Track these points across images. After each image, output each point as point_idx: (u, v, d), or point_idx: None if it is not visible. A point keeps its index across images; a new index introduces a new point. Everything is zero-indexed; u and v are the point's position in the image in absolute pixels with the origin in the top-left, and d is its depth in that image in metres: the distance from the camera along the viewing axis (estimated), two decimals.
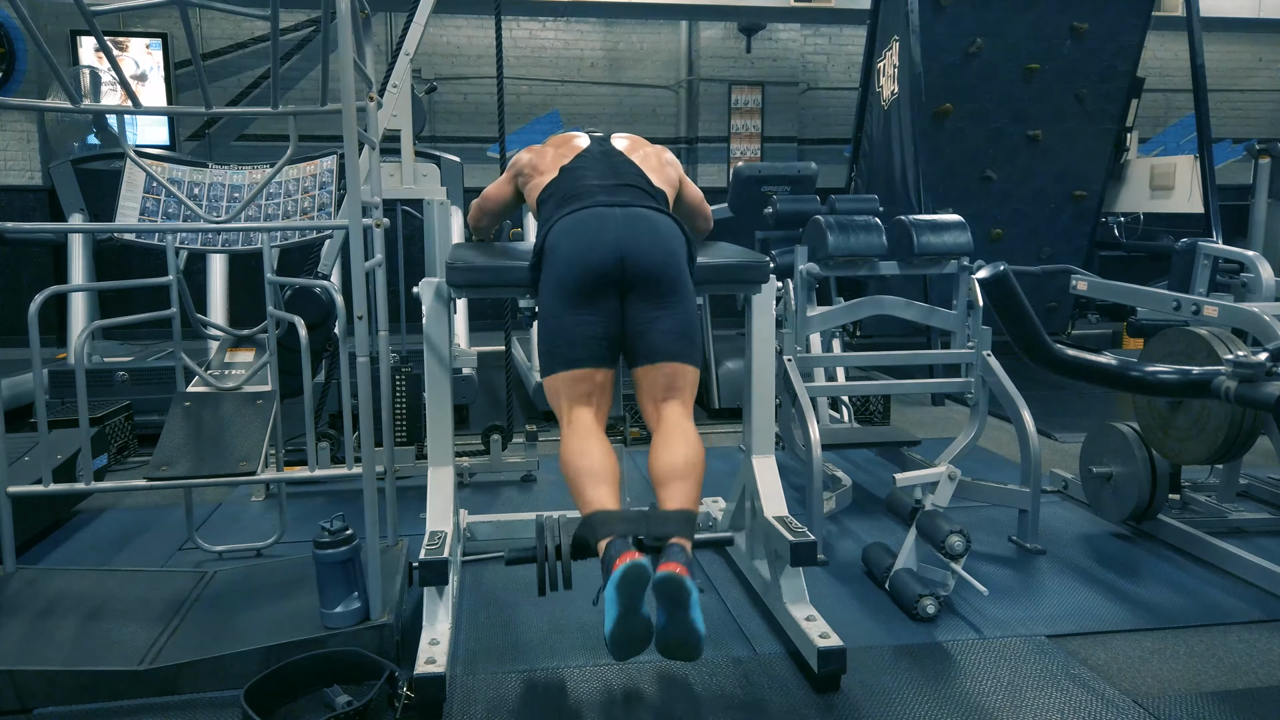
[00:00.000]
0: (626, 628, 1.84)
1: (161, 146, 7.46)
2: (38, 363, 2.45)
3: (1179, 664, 2.33)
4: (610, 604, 1.83)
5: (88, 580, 2.56)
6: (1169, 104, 9.25)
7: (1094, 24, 6.20)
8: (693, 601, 1.85)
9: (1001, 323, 2.59)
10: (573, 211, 2.29)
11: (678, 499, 2.07)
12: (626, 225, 2.24)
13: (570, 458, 2.14)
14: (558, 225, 2.28)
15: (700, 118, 8.51)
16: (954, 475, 2.70)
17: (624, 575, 1.82)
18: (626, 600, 1.82)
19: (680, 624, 1.85)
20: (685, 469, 2.11)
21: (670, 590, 1.83)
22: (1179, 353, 2.86)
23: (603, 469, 2.10)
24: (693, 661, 1.96)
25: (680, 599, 1.84)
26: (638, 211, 2.29)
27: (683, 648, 1.88)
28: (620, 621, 1.83)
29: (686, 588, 1.84)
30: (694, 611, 1.85)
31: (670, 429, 2.20)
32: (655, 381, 2.24)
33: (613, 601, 1.83)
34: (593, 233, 2.23)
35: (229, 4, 2.28)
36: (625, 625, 1.83)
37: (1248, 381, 2.27)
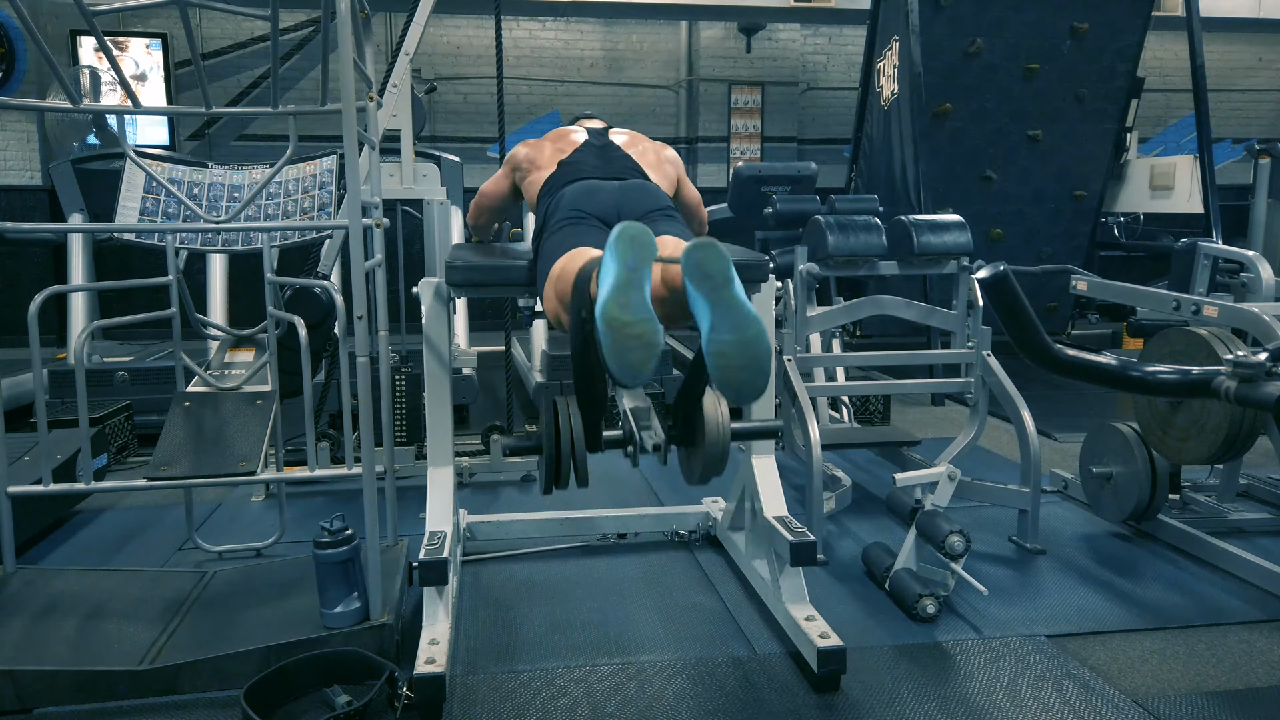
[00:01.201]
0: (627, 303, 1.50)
1: (161, 146, 7.46)
2: (38, 363, 2.45)
3: (1179, 664, 2.33)
4: (607, 270, 1.52)
5: (88, 580, 2.56)
6: (1169, 104, 9.25)
7: (1094, 24, 6.20)
8: (734, 276, 1.55)
9: (1001, 323, 2.59)
10: (570, 184, 2.34)
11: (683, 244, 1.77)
12: (621, 190, 2.30)
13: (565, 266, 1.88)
14: (556, 197, 2.32)
15: (700, 118, 8.51)
16: (954, 475, 2.70)
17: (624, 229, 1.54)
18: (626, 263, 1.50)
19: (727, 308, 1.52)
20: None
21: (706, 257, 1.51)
22: (1179, 353, 2.86)
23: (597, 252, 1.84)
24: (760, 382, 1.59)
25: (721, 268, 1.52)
26: (630, 181, 2.35)
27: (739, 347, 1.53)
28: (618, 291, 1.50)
29: (724, 254, 1.54)
30: (737, 288, 1.54)
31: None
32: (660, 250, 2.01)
33: (611, 264, 1.52)
34: (591, 191, 2.28)
35: (229, 4, 2.28)
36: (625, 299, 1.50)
37: (1248, 381, 2.27)
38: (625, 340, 1.52)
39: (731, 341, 1.53)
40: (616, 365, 1.54)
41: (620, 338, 1.52)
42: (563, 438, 1.70)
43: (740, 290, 1.56)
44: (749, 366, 1.56)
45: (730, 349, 1.54)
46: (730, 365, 1.55)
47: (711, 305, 1.54)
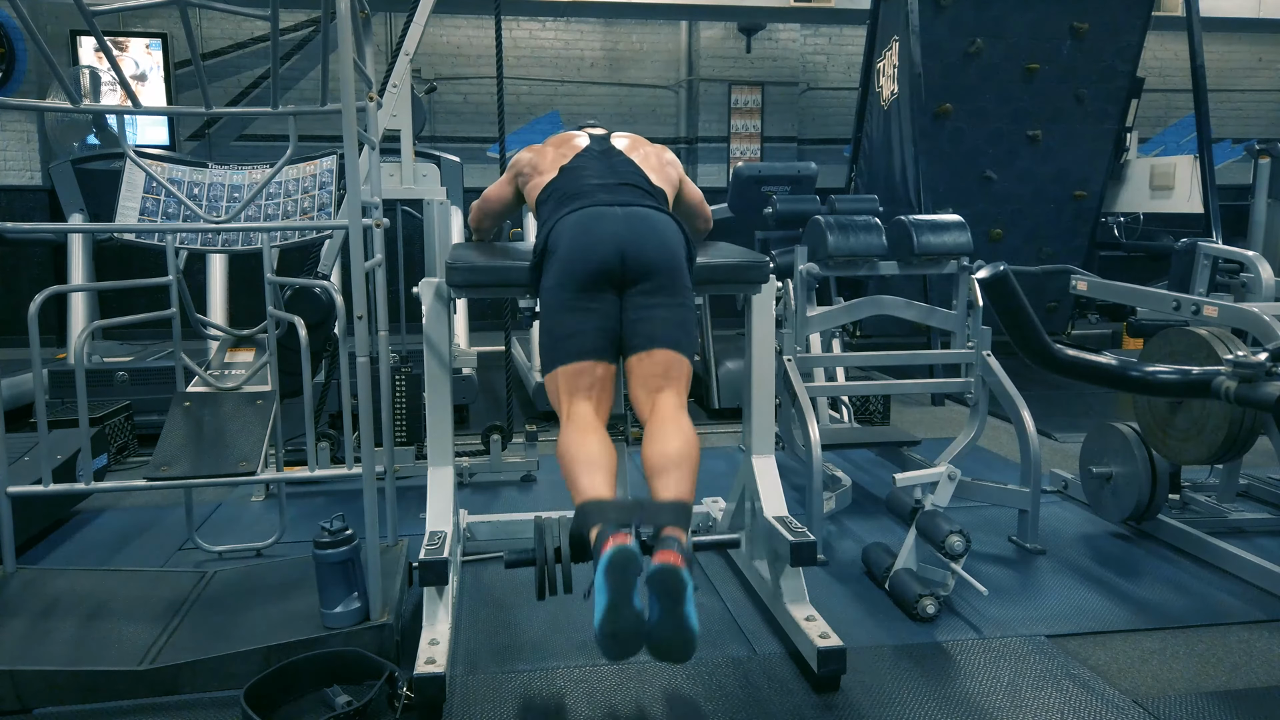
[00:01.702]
0: (617, 619, 1.75)
1: (161, 146, 7.47)
2: (37, 363, 2.45)
3: (1179, 664, 2.33)
4: (600, 592, 1.75)
5: (88, 580, 2.56)
6: (1169, 104, 9.25)
7: (1094, 24, 6.20)
8: (687, 596, 1.77)
9: (1001, 323, 2.59)
10: (573, 210, 2.30)
11: (671, 489, 2.03)
12: (626, 223, 2.25)
13: (567, 448, 2.10)
14: (558, 224, 2.29)
15: (700, 118, 8.52)
16: (954, 475, 2.70)
17: (612, 559, 1.74)
18: (616, 587, 1.74)
19: (673, 619, 1.77)
20: (679, 458, 2.08)
21: (664, 582, 1.75)
22: (1179, 353, 2.86)
23: (599, 459, 2.07)
24: (683, 663, 1.91)
25: (674, 591, 1.76)
26: (637, 210, 2.30)
27: (673, 646, 1.81)
28: (610, 612, 1.74)
29: (681, 579, 1.76)
30: (688, 606, 1.77)
31: (663, 419, 2.17)
32: (648, 369, 2.22)
33: (602, 589, 1.74)
34: (593, 230, 2.24)
35: (229, 4, 2.28)
36: (616, 617, 1.75)
37: (1248, 381, 2.27)
38: (617, 644, 1.79)
39: (668, 640, 1.79)
40: (610, 657, 1.84)
41: (614, 644, 1.79)
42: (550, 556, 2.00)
43: (689, 608, 1.78)
44: (677, 655, 1.84)
45: (665, 646, 1.81)
46: (661, 650, 1.83)
47: (664, 614, 1.77)
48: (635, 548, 1.77)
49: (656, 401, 2.21)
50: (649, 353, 2.22)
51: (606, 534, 1.81)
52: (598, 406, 2.21)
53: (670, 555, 1.77)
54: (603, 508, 1.95)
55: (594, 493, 2.00)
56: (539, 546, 2.03)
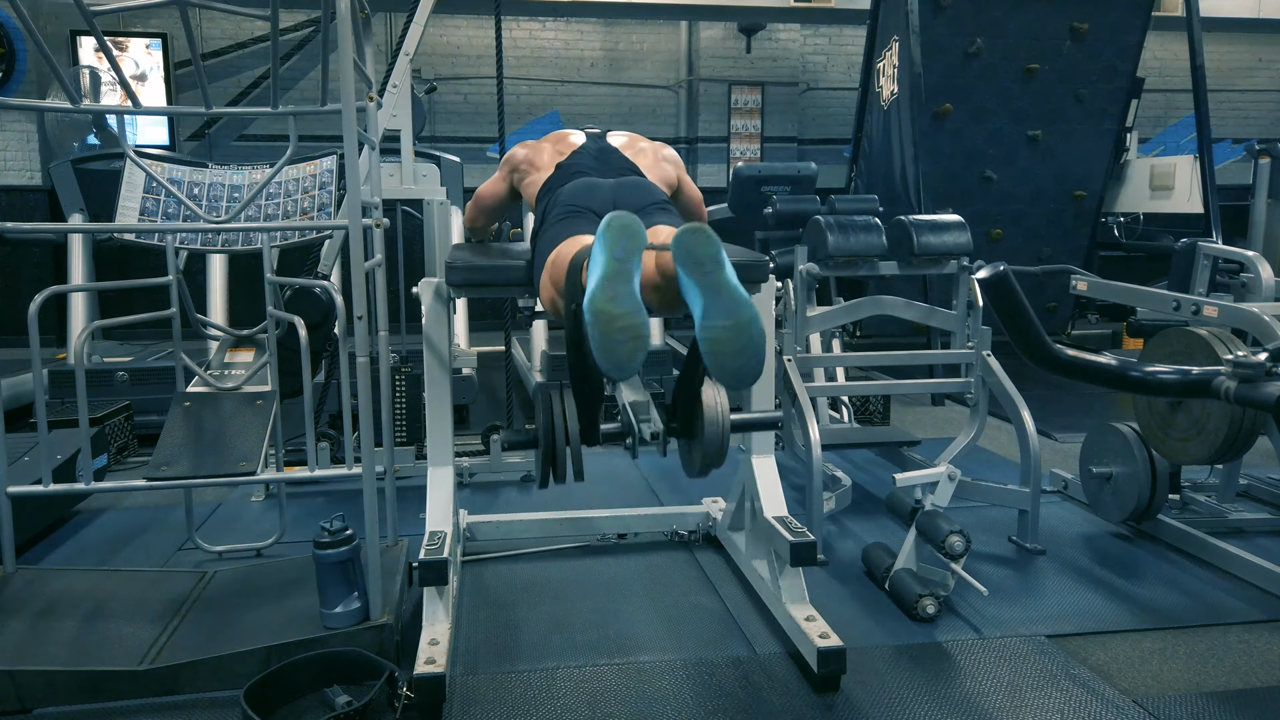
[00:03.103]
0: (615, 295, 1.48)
1: (161, 146, 7.46)
2: (38, 363, 2.45)
3: (1179, 664, 2.33)
4: (596, 261, 1.51)
5: (88, 580, 2.56)
6: (1169, 104, 9.24)
7: (1094, 24, 6.20)
8: (724, 259, 1.53)
9: (1001, 323, 2.59)
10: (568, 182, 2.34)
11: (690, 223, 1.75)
12: (617, 186, 2.30)
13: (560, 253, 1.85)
14: (555, 196, 2.33)
15: (700, 118, 8.51)
16: (954, 475, 2.70)
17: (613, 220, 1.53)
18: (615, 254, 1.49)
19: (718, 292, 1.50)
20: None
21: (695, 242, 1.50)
22: (1179, 353, 2.86)
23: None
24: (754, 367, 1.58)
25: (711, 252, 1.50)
26: (627, 178, 2.36)
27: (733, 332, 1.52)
28: (607, 283, 1.48)
29: (713, 238, 1.52)
30: (728, 271, 1.53)
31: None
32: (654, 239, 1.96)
33: (599, 255, 1.50)
34: (588, 187, 2.29)
35: (229, 4, 2.28)
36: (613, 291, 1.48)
37: (1248, 381, 2.27)
38: (612, 333, 1.52)
39: (725, 327, 1.53)
40: (604, 359, 1.54)
41: (608, 330, 1.52)
42: (558, 431, 1.69)
43: (732, 274, 1.55)
44: (744, 351, 1.55)
45: (724, 334, 1.54)
46: (724, 351, 1.55)
47: (703, 291, 1.53)
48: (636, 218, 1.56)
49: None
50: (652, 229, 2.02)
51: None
52: None
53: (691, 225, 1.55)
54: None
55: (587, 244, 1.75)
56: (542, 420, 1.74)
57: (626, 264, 1.51)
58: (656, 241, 1.89)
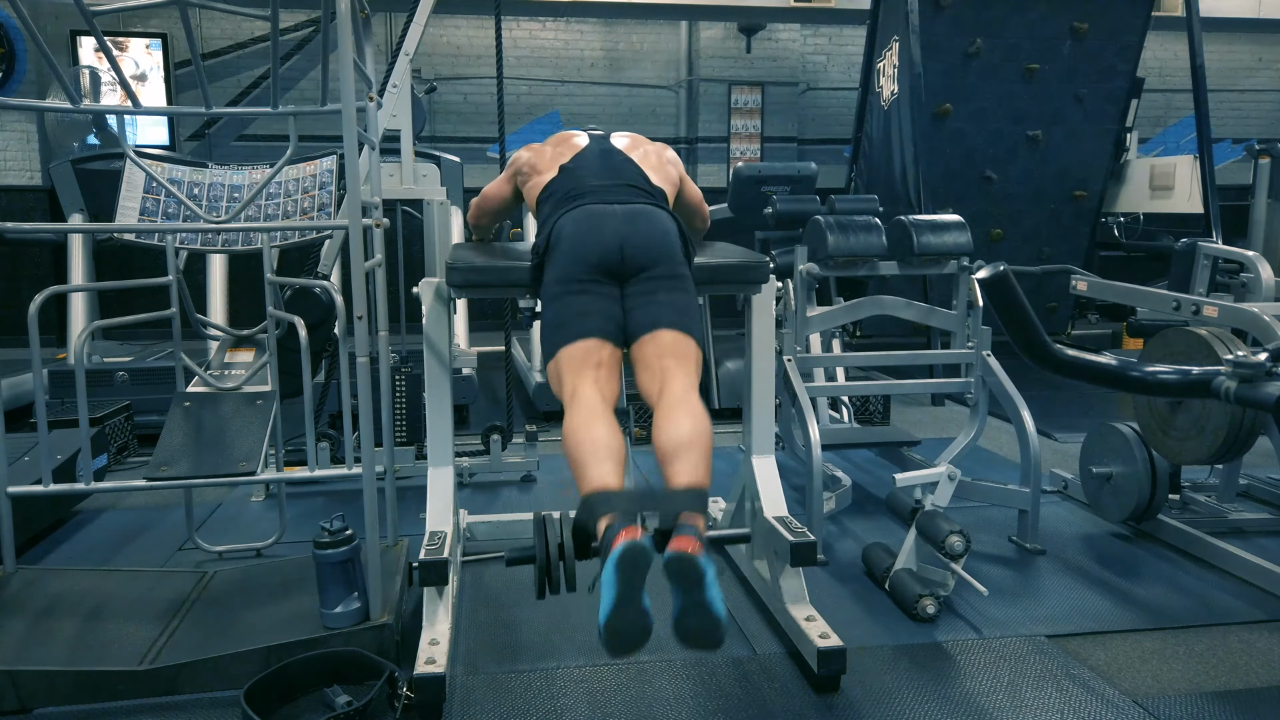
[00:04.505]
0: (624, 617, 1.69)
1: (161, 146, 7.46)
2: (38, 363, 2.45)
3: (1179, 664, 2.33)
4: (607, 588, 1.68)
5: (88, 580, 2.56)
6: (1169, 104, 9.24)
7: (1094, 24, 6.20)
8: (708, 581, 1.70)
9: (1001, 323, 2.59)
10: (573, 208, 2.30)
11: (685, 474, 1.92)
12: (626, 219, 2.26)
13: (572, 433, 2.00)
14: (559, 222, 2.29)
15: (700, 118, 8.51)
16: (954, 475, 2.70)
17: (623, 554, 1.67)
18: (625, 584, 1.68)
19: (696, 608, 1.71)
20: (690, 441, 1.97)
21: (682, 570, 1.69)
22: (1179, 353, 2.86)
23: (607, 446, 1.96)
24: (714, 650, 1.83)
25: (694, 578, 1.69)
26: (636, 207, 2.31)
27: (701, 634, 1.74)
28: (617, 609, 1.68)
29: (700, 566, 1.69)
30: (710, 591, 1.70)
31: (672, 402, 2.07)
32: (654, 351, 2.14)
33: (610, 585, 1.68)
34: (594, 225, 2.24)
35: (229, 4, 2.28)
36: (622, 614, 1.69)
37: (1248, 381, 2.27)
38: (621, 643, 1.74)
39: (695, 631, 1.75)
40: (612, 654, 1.77)
41: (618, 642, 1.73)
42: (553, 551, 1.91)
43: (715, 596, 1.72)
44: (705, 643, 1.78)
45: (694, 636, 1.76)
46: (689, 641, 1.78)
47: (685, 606, 1.73)
48: (648, 543, 1.71)
49: (664, 384, 2.11)
50: (653, 334, 2.15)
51: (617, 528, 1.73)
52: (604, 390, 2.10)
53: (686, 542, 1.71)
54: (611, 498, 1.86)
55: (602, 482, 1.90)
56: (539, 543, 1.92)
57: (635, 589, 1.70)
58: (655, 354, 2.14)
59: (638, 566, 1.69)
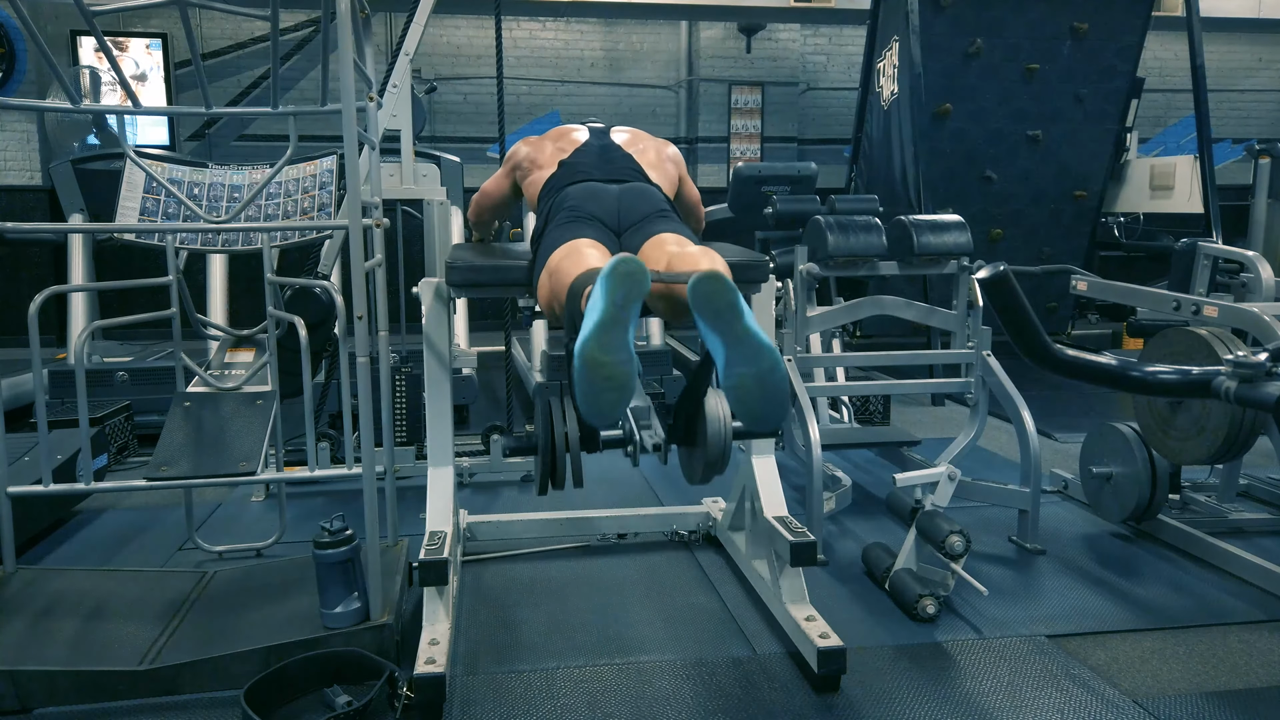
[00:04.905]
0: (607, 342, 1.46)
1: (161, 146, 7.46)
2: (38, 363, 2.45)
3: (1179, 664, 2.33)
4: (594, 305, 1.47)
5: (88, 580, 2.56)
6: (1169, 104, 9.24)
7: (1094, 24, 6.20)
8: (743, 307, 1.51)
9: (1001, 323, 2.59)
10: (572, 185, 2.35)
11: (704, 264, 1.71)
12: (621, 192, 2.31)
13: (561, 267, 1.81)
14: (557, 199, 2.33)
15: (700, 118, 8.51)
16: (954, 475, 2.70)
17: (617, 264, 1.48)
18: (614, 300, 1.46)
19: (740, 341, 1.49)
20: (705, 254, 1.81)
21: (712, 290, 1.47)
22: (1179, 353, 2.85)
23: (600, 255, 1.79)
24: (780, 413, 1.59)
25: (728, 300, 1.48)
26: (630, 185, 2.36)
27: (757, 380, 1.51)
28: (601, 330, 1.46)
29: (730, 286, 1.50)
30: (748, 319, 1.51)
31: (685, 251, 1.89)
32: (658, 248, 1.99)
33: (598, 299, 1.47)
34: (592, 193, 2.29)
35: (229, 4, 2.28)
36: (606, 339, 1.46)
37: (1248, 381, 2.27)
38: (598, 381, 1.51)
39: (748, 375, 1.54)
40: (585, 404, 1.54)
41: (595, 378, 1.51)
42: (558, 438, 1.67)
43: (752, 321, 1.54)
44: (768, 398, 1.56)
45: (748, 381, 1.55)
46: (750, 397, 1.55)
47: (725, 341, 1.53)
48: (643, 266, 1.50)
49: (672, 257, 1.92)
50: (654, 238, 2.04)
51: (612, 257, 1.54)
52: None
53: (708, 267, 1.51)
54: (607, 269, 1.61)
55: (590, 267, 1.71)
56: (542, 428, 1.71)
57: (625, 311, 1.50)
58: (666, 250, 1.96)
59: (631, 278, 1.48)
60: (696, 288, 1.51)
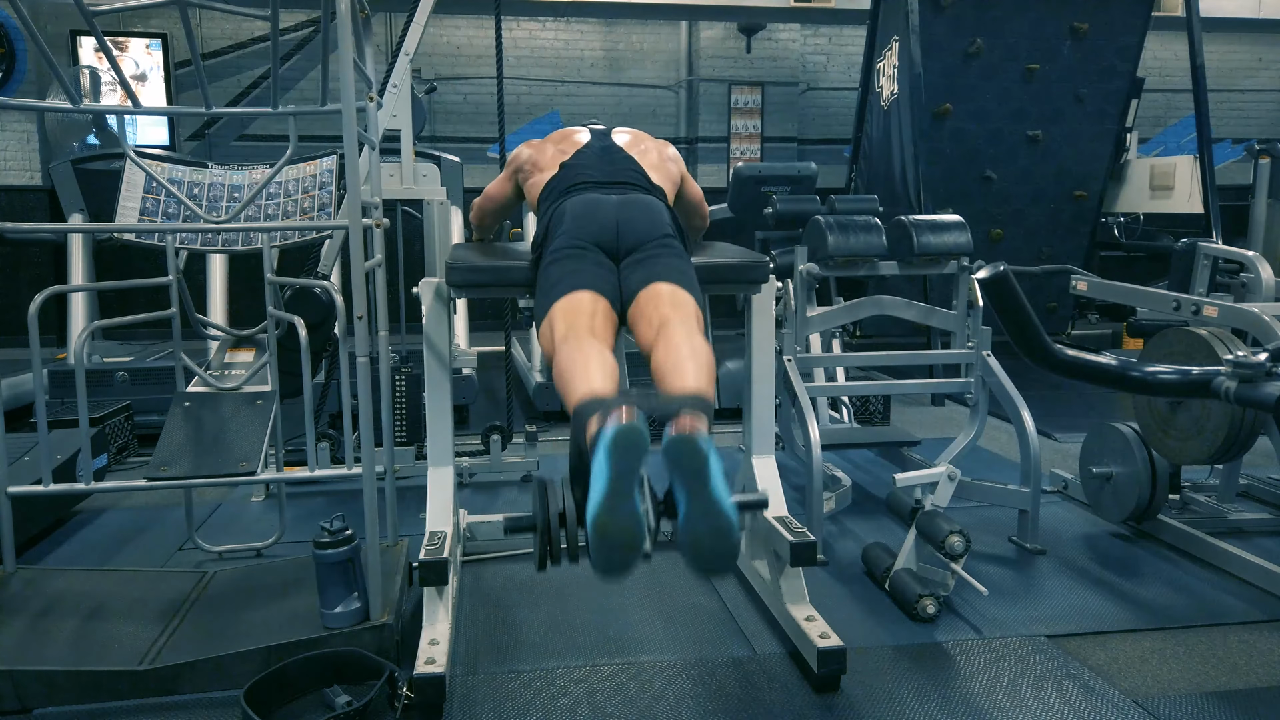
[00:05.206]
0: (615, 511, 1.51)
1: (161, 146, 7.46)
2: (38, 363, 2.45)
3: (1179, 664, 2.33)
4: (599, 474, 1.51)
5: (88, 580, 2.56)
6: (1169, 104, 9.24)
7: (1094, 24, 6.21)
8: (712, 470, 1.54)
9: (1001, 323, 2.59)
10: (571, 196, 2.33)
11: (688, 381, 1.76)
12: (620, 205, 2.29)
13: (563, 358, 1.85)
14: (557, 209, 2.31)
15: (700, 118, 8.51)
16: (954, 475, 2.70)
17: (618, 434, 1.50)
18: (618, 471, 1.51)
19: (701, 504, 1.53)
20: (692, 355, 1.84)
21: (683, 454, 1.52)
22: (1179, 353, 2.86)
23: (600, 363, 1.82)
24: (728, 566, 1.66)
25: (697, 466, 1.52)
26: (630, 195, 2.34)
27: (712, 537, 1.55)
28: (609, 501, 1.51)
29: (702, 449, 1.53)
30: (715, 483, 1.54)
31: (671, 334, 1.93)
32: (651, 302, 2.04)
33: (602, 469, 1.51)
34: (590, 209, 2.27)
35: (229, 4, 2.28)
36: (614, 507, 1.51)
37: (1248, 381, 2.27)
38: (610, 546, 1.57)
39: (705, 533, 1.58)
40: (599, 563, 1.60)
41: (608, 545, 1.57)
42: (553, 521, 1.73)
43: (718, 484, 1.57)
44: (718, 555, 1.61)
45: (703, 539, 1.59)
46: (700, 552, 1.61)
47: (689, 498, 1.57)
48: (643, 425, 1.52)
49: (662, 326, 1.98)
50: (649, 288, 2.07)
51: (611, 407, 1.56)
52: (599, 334, 1.98)
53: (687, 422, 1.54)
54: (604, 401, 1.66)
55: (591, 390, 1.73)
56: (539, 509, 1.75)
57: (629, 478, 1.54)
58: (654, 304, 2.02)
59: (633, 449, 1.52)
60: (671, 448, 1.55)
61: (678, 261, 2.20)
